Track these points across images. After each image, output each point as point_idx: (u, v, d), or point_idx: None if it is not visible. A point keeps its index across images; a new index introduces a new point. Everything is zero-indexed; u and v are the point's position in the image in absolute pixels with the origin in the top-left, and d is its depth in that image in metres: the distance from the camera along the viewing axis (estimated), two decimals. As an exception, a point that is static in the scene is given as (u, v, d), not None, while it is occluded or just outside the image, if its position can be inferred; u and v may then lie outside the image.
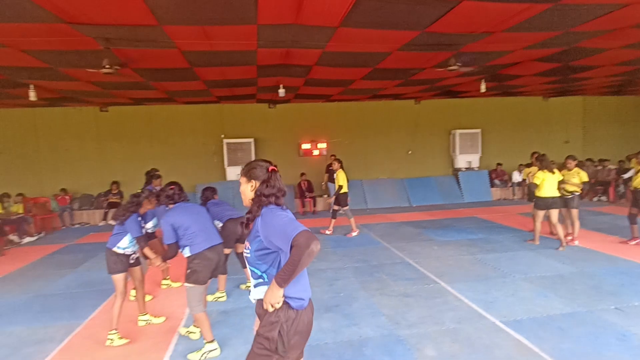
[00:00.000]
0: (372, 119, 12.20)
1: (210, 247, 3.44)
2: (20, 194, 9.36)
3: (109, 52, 5.26)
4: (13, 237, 8.47)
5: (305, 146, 11.73)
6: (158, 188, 6.00)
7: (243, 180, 2.02)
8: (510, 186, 12.18)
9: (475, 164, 12.43)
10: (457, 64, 6.21)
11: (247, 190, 2.00)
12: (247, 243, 1.97)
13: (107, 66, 5.21)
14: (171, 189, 3.58)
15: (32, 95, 7.38)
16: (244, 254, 1.99)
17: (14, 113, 10.43)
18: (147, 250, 3.73)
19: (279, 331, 1.87)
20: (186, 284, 3.38)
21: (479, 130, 12.34)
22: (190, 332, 3.79)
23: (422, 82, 8.92)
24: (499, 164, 12.48)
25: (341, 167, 7.85)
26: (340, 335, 3.74)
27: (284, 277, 1.78)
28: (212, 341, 3.41)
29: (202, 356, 3.34)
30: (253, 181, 1.99)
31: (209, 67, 6.60)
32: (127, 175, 10.71)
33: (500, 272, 5.36)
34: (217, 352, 3.40)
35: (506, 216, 9.32)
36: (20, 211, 9.07)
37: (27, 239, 8.65)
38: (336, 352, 3.43)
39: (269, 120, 11.71)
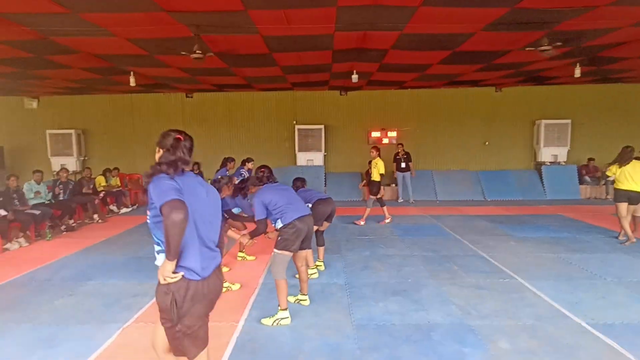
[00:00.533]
0: (447, 107, 11.68)
1: (299, 217, 3.66)
2: (116, 168, 10.49)
3: (199, 39, 5.68)
4: (113, 207, 9.63)
5: (375, 134, 11.61)
6: (230, 171, 6.47)
7: (157, 149, 2.09)
8: (604, 184, 10.91)
9: (562, 158, 11.32)
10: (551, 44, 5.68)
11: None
12: (147, 210, 2.03)
13: (197, 52, 5.64)
14: (262, 171, 3.87)
15: (132, 81, 8.25)
16: (147, 220, 2.04)
17: (115, 98, 11.76)
18: (230, 233, 4.03)
19: (171, 300, 1.92)
20: (275, 250, 3.63)
21: (568, 121, 11.18)
22: (300, 300, 4.04)
23: (506, 67, 8.31)
24: (590, 159, 11.24)
25: (379, 155, 7.77)
26: (407, 319, 3.72)
27: (166, 249, 1.85)
28: (285, 309, 3.60)
29: (274, 322, 3.55)
30: (161, 150, 2.06)
31: (287, 52, 6.82)
32: (207, 157, 11.50)
33: (588, 273, 4.89)
34: (288, 321, 3.58)
35: (597, 216, 8.41)
36: (118, 184, 10.25)
37: (124, 210, 9.78)
38: (404, 334, 3.42)
39: (339, 108, 11.79)
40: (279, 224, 3.68)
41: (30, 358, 3.10)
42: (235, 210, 4.88)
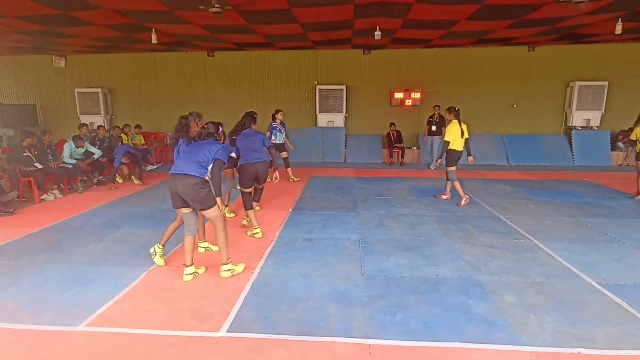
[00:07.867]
0: (474, 68, 11.19)
1: (170, 174, 3.58)
2: (138, 126, 10.65)
3: (217, -8, 5.61)
4: (139, 164, 9.99)
5: (398, 95, 11.33)
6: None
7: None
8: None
9: (595, 122, 10.80)
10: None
11: None
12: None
13: (215, 6, 5.58)
14: (205, 127, 3.96)
15: (154, 39, 8.27)
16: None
17: (139, 57, 11.86)
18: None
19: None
20: None
21: (605, 83, 10.56)
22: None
23: (540, 23, 7.80)
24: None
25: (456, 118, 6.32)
26: (416, 272, 3.83)
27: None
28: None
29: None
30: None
31: (307, 7, 6.63)
32: (229, 117, 11.54)
33: (606, 236, 4.82)
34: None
35: (626, 182, 8.11)
36: (143, 142, 10.56)
37: (150, 167, 10.14)
38: (411, 285, 3.54)
39: (361, 68, 11.50)
40: None
41: (66, 293, 3.42)
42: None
